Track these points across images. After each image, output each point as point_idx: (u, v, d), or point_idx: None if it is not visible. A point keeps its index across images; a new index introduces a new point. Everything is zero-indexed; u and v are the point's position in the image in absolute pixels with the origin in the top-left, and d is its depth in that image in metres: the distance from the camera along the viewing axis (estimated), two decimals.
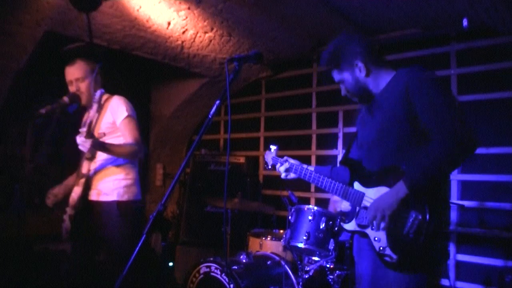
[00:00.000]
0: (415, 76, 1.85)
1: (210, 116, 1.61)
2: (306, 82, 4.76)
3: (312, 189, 4.60)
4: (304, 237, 2.86)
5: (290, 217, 3.04)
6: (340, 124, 4.44)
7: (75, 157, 2.91)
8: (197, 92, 5.00)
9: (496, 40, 3.51)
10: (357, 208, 1.96)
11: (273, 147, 2.60)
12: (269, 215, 4.11)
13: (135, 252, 1.40)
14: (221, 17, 3.53)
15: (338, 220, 2.94)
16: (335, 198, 3.70)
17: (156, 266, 4.26)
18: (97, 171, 2.70)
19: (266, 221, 4.54)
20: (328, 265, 3.02)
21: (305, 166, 2.30)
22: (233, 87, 4.97)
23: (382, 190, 1.88)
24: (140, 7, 3.29)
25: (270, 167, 2.58)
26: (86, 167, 2.65)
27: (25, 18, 3.20)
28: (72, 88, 2.73)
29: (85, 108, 2.83)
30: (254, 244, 3.51)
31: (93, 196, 2.69)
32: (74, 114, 2.79)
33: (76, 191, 2.61)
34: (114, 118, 2.69)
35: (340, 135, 4.41)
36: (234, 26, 3.70)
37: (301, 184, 4.61)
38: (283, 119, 4.95)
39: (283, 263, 3.12)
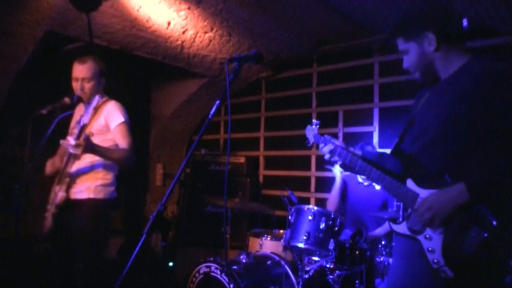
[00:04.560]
0: (495, 70, 1.60)
1: (210, 116, 1.60)
2: (306, 82, 4.76)
3: (312, 189, 4.61)
4: (304, 237, 2.86)
5: (290, 217, 3.04)
6: (340, 124, 4.44)
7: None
8: (197, 92, 5.00)
9: (496, 40, 3.51)
10: (409, 210, 1.72)
11: (314, 121, 2.37)
12: (269, 215, 4.11)
13: (135, 252, 1.40)
14: (221, 17, 3.53)
15: (338, 220, 2.94)
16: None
17: (156, 266, 4.27)
18: (81, 172, 2.70)
19: (266, 221, 4.54)
20: (328, 265, 3.02)
21: (351, 149, 2.04)
22: (233, 87, 4.97)
23: None
24: (140, 7, 3.29)
25: (311, 144, 2.34)
26: (71, 166, 2.66)
27: (25, 18, 3.20)
28: (76, 85, 2.75)
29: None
30: (254, 244, 3.51)
31: (72, 194, 2.69)
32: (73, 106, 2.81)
33: (61, 190, 2.62)
34: (107, 122, 2.72)
35: (340, 135, 4.41)
36: (234, 26, 3.70)
37: (301, 184, 4.65)
38: (283, 119, 4.96)
39: (283, 263, 3.12)
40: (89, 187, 2.67)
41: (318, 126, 2.34)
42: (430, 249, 1.61)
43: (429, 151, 1.71)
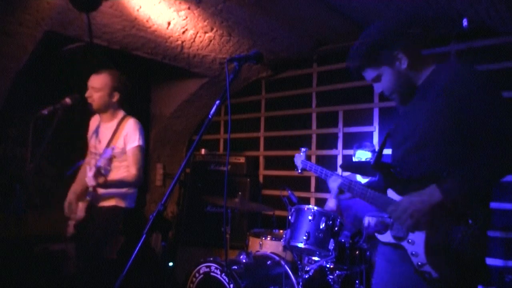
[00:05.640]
0: (461, 74, 1.62)
1: (210, 116, 1.60)
2: (306, 82, 4.76)
3: (312, 189, 4.61)
4: (304, 237, 2.86)
5: (290, 217, 3.04)
6: (340, 124, 4.44)
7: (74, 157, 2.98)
8: (197, 92, 5.00)
9: (496, 40, 3.51)
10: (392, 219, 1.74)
11: (302, 149, 2.52)
12: (269, 215, 4.11)
13: (135, 252, 1.40)
14: (221, 17, 3.53)
15: (338, 220, 2.94)
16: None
17: (156, 266, 4.26)
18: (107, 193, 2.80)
19: (266, 221, 4.55)
20: (328, 265, 3.02)
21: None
22: (233, 87, 4.97)
23: None
24: (140, 7, 3.29)
25: (300, 171, 2.48)
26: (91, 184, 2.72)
27: (25, 18, 3.20)
28: (87, 93, 2.81)
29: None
30: (254, 244, 3.51)
31: (97, 202, 2.79)
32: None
33: (81, 208, 2.71)
34: (125, 144, 2.77)
35: (340, 135, 4.42)
36: (234, 26, 3.70)
37: (301, 184, 4.65)
38: (283, 119, 4.96)
39: (283, 263, 3.12)
40: (114, 195, 2.78)
41: (305, 152, 2.49)
42: (413, 253, 1.63)
43: (406, 160, 1.73)
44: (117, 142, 2.77)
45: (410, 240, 1.65)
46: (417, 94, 1.76)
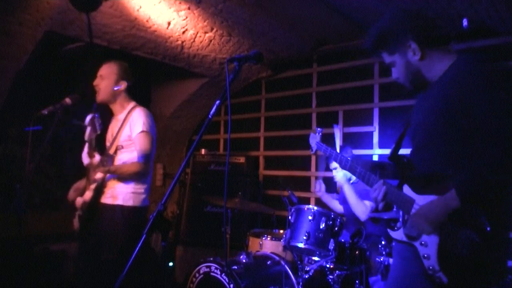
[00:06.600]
0: (471, 69, 1.60)
1: (210, 116, 1.60)
2: (306, 82, 4.76)
3: (312, 189, 4.60)
4: (304, 237, 2.86)
5: (290, 217, 3.04)
6: (340, 124, 4.44)
7: (75, 159, 2.96)
8: (197, 92, 5.00)
9: (496, 40, 3.51)
10: (406, 217, 1.72)
11: (317, 129, 2.54)
12: (269, 215, 4.11)
13: (135, 252, 1.40)
14: (221, 17, 3.53)
15: (338, 220, 2.94)
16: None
17: (156, 266, 4.26)
18: (110, 177, 2.74)
19: (266, 221, 4.55)
20: (328, 265, 3.02)
21: (348, 157, 2.14)
22: (233, 87, 4.97)
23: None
24: (140, 7, 3.29)
25: (314, 151, 2.51)
26: (95, 173, 2.69)
27: (25, 18, 3.20)
28: (95, 81, 2.82)
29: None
30: (254, 244, 3.51)
31: (102, 199, 2.75)
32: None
33: (87, 196, 2.67)
34: (131, 131, 2.74)
35: (340, 135, 4.41)
36: (234, 26, 3.70)
37: (301, 184, 4.65)
38: (283, 119, 4.96)
39: (283, 263, 3.12)
40: (119, 193, 2.71)
41: (320, 134, 2.46)
42: (425, 255, 1.62)
43: (420, 156, 1.73)
44: (123, 130, 2.75)
45: (423, 242, 1.64)
46: (429, 91, 1.75)
